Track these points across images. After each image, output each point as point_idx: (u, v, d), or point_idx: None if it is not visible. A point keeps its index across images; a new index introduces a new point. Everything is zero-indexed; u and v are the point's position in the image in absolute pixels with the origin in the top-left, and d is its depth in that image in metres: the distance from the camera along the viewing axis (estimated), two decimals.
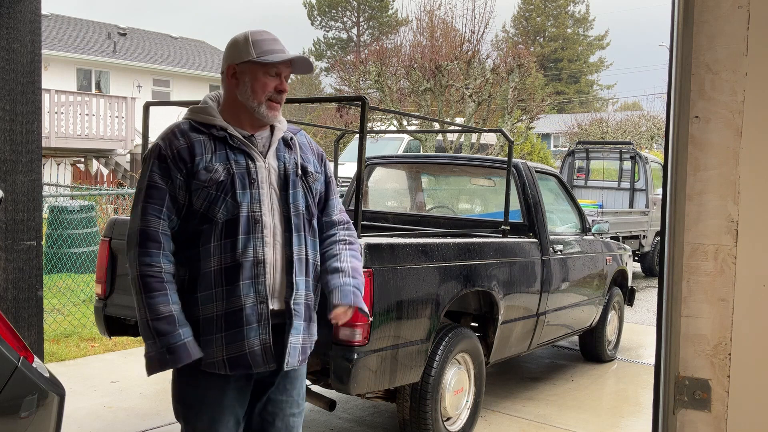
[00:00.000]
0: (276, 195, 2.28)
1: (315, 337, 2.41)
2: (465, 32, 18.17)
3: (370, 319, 2.36)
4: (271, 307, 2.23)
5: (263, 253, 2.21)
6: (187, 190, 2.20)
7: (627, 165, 12.26)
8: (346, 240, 2.46)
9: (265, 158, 2.28)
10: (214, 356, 2.20)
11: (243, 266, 2.18)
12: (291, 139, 2.38)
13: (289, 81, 2.40)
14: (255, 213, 2.22)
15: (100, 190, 12.61)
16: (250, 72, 2.26)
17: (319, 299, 2.45)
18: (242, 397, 2.30)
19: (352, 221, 2.60)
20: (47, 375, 2.48)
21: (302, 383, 2.45)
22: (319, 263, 2.39)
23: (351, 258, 2.43)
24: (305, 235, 2.32)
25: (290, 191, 2.29)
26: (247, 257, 2.19)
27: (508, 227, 4.70)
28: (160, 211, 2.18)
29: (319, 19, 48.88)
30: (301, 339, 2.31)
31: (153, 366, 2.16)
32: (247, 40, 2.27)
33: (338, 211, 2.50)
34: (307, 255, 2.32)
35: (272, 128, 2.35)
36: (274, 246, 2.24)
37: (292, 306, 2.26)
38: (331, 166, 2.71)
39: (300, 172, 2.34)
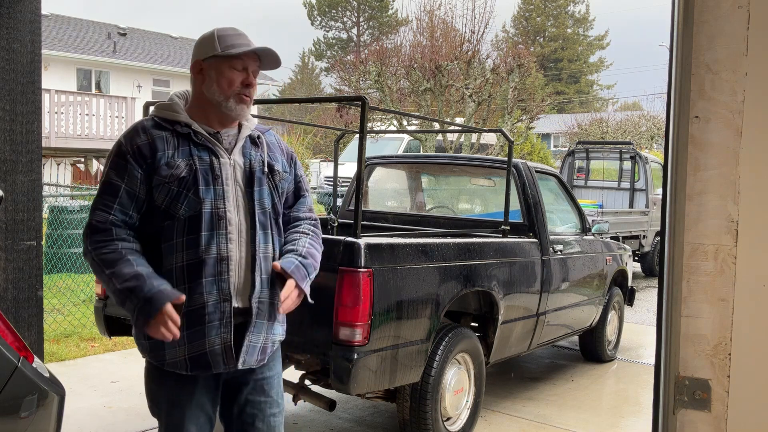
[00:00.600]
0: (241, 192, 2.26)
1: (278, 338, 2.37)
2: (465, 32, 18.18)
3: (311, 302, 2.36)
4: (234, 305, 2.21)
5: (227, 250, 2.19)
6: (149, 185, 2.18)
7: (627, 165, 12.25)
8: (309, 231, 2.45)
9: (230, 155, 2.27)
10: (177, 355, 2.18)
11: (206, 263, 2.16)
12: (258, 137, 2.37)
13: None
14: (219, 209, 2.20)
15: None
16: (216, 67, 2.26)
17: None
18: (211, 395, 2.29)
19: (352, 221, 2.60)
20: (47, 375, 2.49)
21: (280, 381, 2.43)
22: None
23: (309, 245, 2.40)
24: (272, 234, 2.30)
25: (255, 188, 2.27)
26: (210, 254, 2.17)
27: (508, 227, 4.70)
28: (111, 207, 2.18)
29: (319, 19, 48.88)
30: (261, 338, 2.27)
31: (140, 323, 2.09)
32: (213, 36, 2.28)
33: (306, 209, 2.50)
34: (274, 253, 2.30)
35: (240, 126, 2.34)
36: (239, 243, 2.22)
37: (253, 304, 2.23)
38: (303, 166, 2.71)
39: (266, 170, 2.32)
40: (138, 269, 2.11)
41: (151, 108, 2.33)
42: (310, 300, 2.33)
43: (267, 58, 2.31)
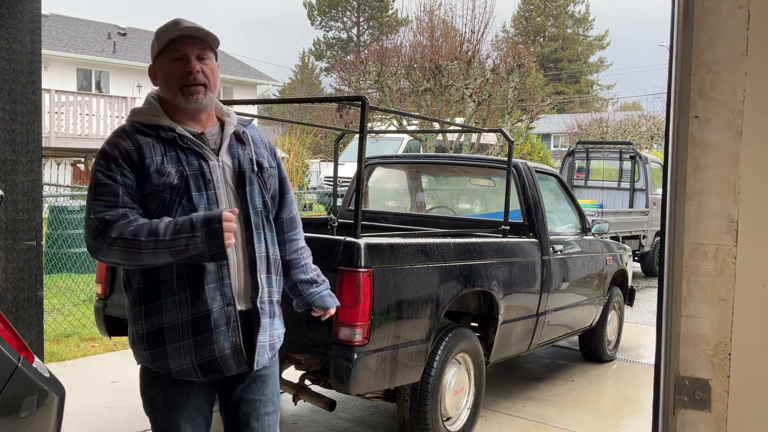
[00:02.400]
0: (233, 193, 2.20)
1: (281, 331, 2.36)
2: (465, 32, 18.19)
3: (336, 304, 2.58)
4: (238, 308, 2.17)
5: (226, 255, 2.12)
6: (141, 192, 2.10)
7: (627, 165, 12.26)
8: (304, 246, 2.52)
9: (218, 156, 2.19)
10: (184, 363, 2.14)
11: (207, 270, 2.11)
12: (243, 133, 2.29)
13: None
14: None
15: None
16: (161, 65, 2.19)
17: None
18: (208, 396, 2.27)
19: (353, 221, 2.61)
20: (47, 375, 2.48)
21: (275, 380, 2.39)
22: (279, 257, 2.35)
23: (314, 266, 2.54)
24: (264, 232, 2.26)
25: (247, 189, 2.22)
26: None
27: (508, 227, 4.70)
28: (116, 204, 2.06)
29: (319, 19, 48.90)
30: (268, 336, 2.26)
31: (214, 248, 2.02)
32: (155, 38, 2.21)
33: (294, 209, 2.49)
34: (267, 252, 2.26)
35: (222, 123, 2.27)
36: (235, 246, 2.17)
37: (258, 305, 2.21)
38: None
39: (256, 168, 2.26)
40: (168, 219, 2.07)
41: (129, 113, 2.21)
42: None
43: (208, 37, 2.20)
